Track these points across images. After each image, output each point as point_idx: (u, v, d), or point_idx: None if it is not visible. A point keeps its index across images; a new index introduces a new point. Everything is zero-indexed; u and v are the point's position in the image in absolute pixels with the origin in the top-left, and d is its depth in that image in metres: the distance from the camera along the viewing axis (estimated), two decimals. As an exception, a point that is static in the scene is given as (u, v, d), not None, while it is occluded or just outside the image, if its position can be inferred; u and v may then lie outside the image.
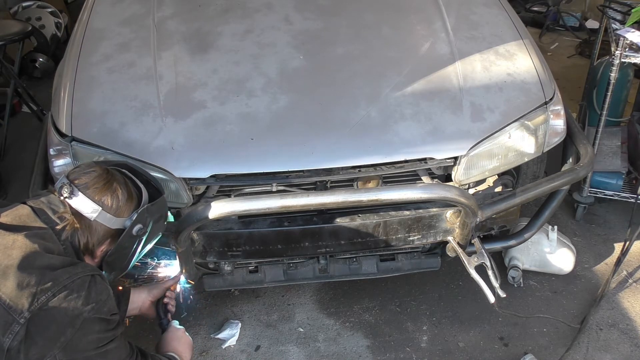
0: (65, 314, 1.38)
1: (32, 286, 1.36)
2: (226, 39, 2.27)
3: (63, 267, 1.41)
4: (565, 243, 2.62)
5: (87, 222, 1.51)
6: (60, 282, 1.38)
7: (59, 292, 1.37)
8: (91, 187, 1.51)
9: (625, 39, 2.57)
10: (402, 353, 2.34)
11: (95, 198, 1.50)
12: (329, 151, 1.92)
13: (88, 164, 1.60)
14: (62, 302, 1.37)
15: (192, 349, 1.93)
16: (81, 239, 1.51)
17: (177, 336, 1.90)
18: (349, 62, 2.17)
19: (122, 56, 2.21)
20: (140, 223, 1.57)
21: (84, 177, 1.52)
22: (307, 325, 2.48)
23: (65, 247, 1.48)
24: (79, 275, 1.41)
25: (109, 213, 1.52)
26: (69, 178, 1.52)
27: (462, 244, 1.99)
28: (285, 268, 2.23)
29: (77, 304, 1.39)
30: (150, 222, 1.61)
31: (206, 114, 1.99)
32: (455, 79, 2.10)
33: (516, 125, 2.02)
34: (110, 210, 1.52)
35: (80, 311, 1.39)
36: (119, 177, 1.57)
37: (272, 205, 1.70)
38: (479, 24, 2.35)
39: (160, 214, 1.68)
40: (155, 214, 1.63)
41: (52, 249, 1.44)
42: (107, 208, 1.51)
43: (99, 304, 1.44)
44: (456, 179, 2.01)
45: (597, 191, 2.93)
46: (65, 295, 1.38)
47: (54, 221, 1.48)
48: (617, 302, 2.53)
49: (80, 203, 1.49)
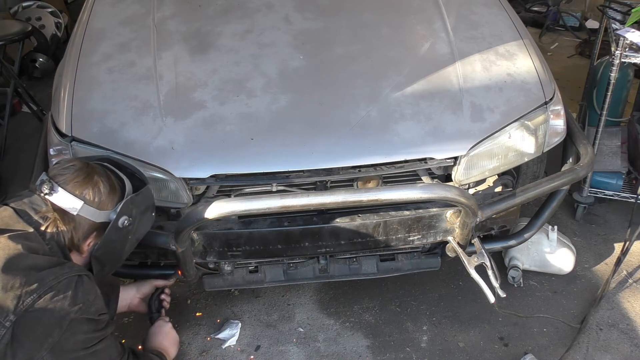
0: (52, 315, 1.36)
1: (17, 288, 1.34)
2: (226, 39, 2.27)
3: (49, 268, 1.39)
4: (565, 243, 2.62)
5: (70, 218, 1.49)
6: (46, 283, 1.36)
7: (44, 294, 1.35)
8: (71, 181, 1.49)
9: (625, 39, 2.57)
10: (402, 353, 2.34)
11: (76, 192, 1.49)
12: (329, 151, 1.92)
13: (67, 160, 1.59)
14: (48, 303, 1.36)
15: (177, 344, 1.92)
16: (66, 236, 1.50)
17: (164, 331, 1.90)
18: (349, 62, 2.17)
19: (122, 56, 2.21)
20: (126, 214, 1.56)
21: (63, 173, 1.51)
22: (307, 325, 2.48)
23: (50, 247, 1.47)
24: (66, 276, 1.40)
25: (91, 206, 1.50)
26: (49, 175, 1.51)
27: (462, 244, 1.99)
28: (285, 268, 2.23)
29: (63, 305, 1.37)
30: (137, 213, 1.60)
31: (206, 114, 1.99)
32: (455, 79, 2.10)
33: (516, 125, 2.02)
34: (92, 204, 1.51)
35: (67, 312, 1.38)
36: (99, 170, 1.56)
37: (272, 205, 1.70)
38: (479, 24, 2.35)
39: (147, 205, 1.66)
40: (141, 205, 1.62)
41: (37, 249, 1.43)
42: (89, 202, 1.50)
43: (86, 304, 1.42)
44: (456, 179, 2.01)
45: (597, 191, 2.93)
46: (52, 296, 1.36)
47: (37, 221, 1.46)
48: (617, 302, 2.53)
49: (61, 199, 1.48)
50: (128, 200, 1.57)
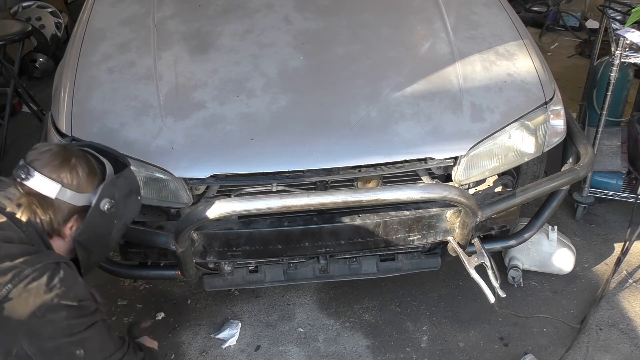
0: (27, 304, 1.33)
1: None
2: (226, 39, 2.27)
3: (23, 257, 1.36)
4: (565, 243, 2.62)
5: (49, 202, 1.46)
6: (20, 273, 1.33)
7: (19, 283, 1.32)
8: (47, 165, 1.46)
9: (625, 39, 2.57)
10: (402, 353, 2.34)
11: (53, 176, 1.46)
12: (329, 151, 1.92)
13: (44, 144, 1.54)
14: (22, 292, 1.33)
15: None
16: (44, 220, 1.47)
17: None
18: (349, 62, 2.17)
19: (122, 56, 2.21)
20: (108, 197, 1.52)
21: (40, 157, 1.48)
22: (307, 325, 2.48)
23: (27, 233, 1.43)
24: (42, 263, 1.37)
25: (69, 189, 1.47)
26: (26, 160, 1.48)
27: (462, 244, 1.99)
28: (285, 268, 2.23)
29: (38, 292, 1.34)
30: (120, 196, 1.56)
31: (206, 114, 1.99)
32: (455, 79, 2.10)
33: (516, 125, 2.02)
34: (71, 187, 1.47)
35: (42, 300, 1.34)
36: (77, 153, 1.52)
37: (272, 205, 1.70)
38: (479, 24, 2.35)
39: (130, 188, 1.62)
40: (123, 188, 1.58)
41: (12, 238, 1.40)
42: (67, 185, 1.47)
43: (63, 290, 1.38)
44: (456, 179, 2.01)
45: (597, 191, 2.94)
46: (26, 284, 1.33)
47: (11, 211, 1.43)
48: (617, 302, 2.53)
49: (37, 183, 1.45)
50: (108, 182, 1.53)
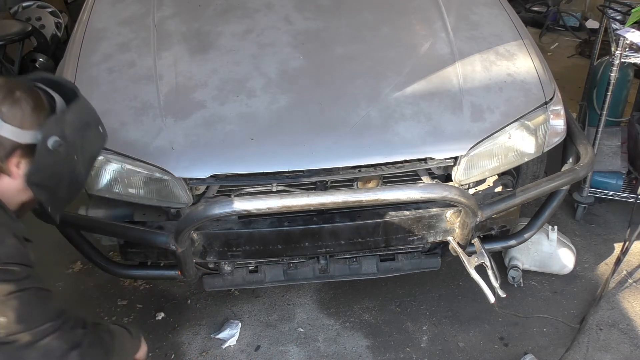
0: None
1: None
2: (226, 39, 2.27)
3: None
4: (565, 243, 2.62)
5: None
6: None
7: None
8: None
9: (625, 39, 2.57)
10: (402, 353, 2.34)
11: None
12: (329, 151, 1.92)
13: None
14: None
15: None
16: None
17: None
18: (349, 62, 2.17)
19: (122, 56, 2.21)
20: (56, 135, 1.38)
21: None
22: (307, 325, 2.48)
23: None
24: None
25: (11, 124, 1.34)
26: None
27: (462, 244, 1.99)
28: (285, 268, 2.23)
29: None
30: (72, 132, 1.42)
31: (206, 114, 1.99)
32: (455, 79, 2.10)
33: (516, 125, 2.02)
34: (12, 121, 1.34)
35: None
36: (23, 87, 1.40)
37: (272, 205, 1.70)
38: (479, 24, 2.35)
39: (85, 121, 1.49)
40: (75, 122, 1.44)
41: None
42: (7, 118, 1.34)
43: None
44: (456, 179, 2.01)
45: (597, 191, 2.94)
46: None
47: None
48: (617, 302, 2.53)
49: None
50: (54, 117, 1.40)
